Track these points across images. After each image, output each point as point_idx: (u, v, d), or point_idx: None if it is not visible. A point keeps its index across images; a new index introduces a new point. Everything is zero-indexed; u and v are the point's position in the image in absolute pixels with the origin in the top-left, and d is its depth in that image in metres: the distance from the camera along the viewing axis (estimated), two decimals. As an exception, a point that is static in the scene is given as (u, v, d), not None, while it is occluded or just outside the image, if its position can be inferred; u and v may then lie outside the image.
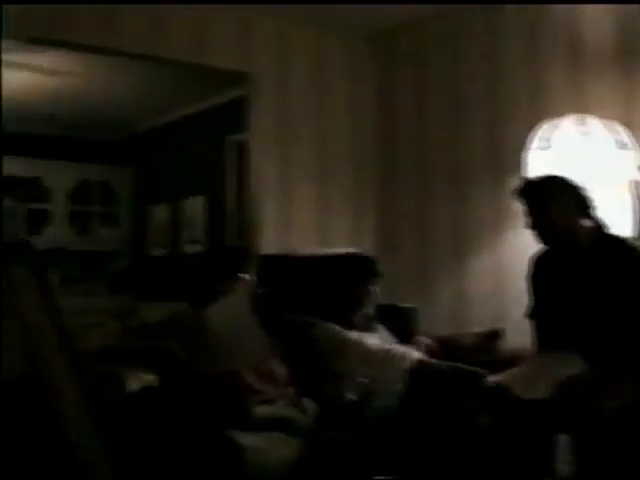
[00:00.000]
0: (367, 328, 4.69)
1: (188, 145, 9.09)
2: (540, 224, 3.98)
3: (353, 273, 4.72)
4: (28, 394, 1.65)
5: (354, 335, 4.47)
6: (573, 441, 3.68)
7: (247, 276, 4.31)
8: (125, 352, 2.85)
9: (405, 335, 5.01)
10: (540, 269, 4.17)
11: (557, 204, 3.93)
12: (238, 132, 7.32)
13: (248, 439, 3.26)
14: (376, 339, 4.59)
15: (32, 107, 8.52)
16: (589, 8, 5.28)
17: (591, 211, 3.99)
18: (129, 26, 5.71)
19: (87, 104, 8.70)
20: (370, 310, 4.72)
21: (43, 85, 7.80)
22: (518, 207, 4.17)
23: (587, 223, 3.99)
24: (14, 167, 8.43)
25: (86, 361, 1.27)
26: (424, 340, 4.68)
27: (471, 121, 6.01)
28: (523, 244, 5.21)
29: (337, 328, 4.49)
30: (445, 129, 6.21)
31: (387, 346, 4.48)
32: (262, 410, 3.70)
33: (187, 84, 7.94)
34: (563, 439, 3.75)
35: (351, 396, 4.18)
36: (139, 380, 2.58)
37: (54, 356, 1.25)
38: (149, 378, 2.71)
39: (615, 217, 4.32)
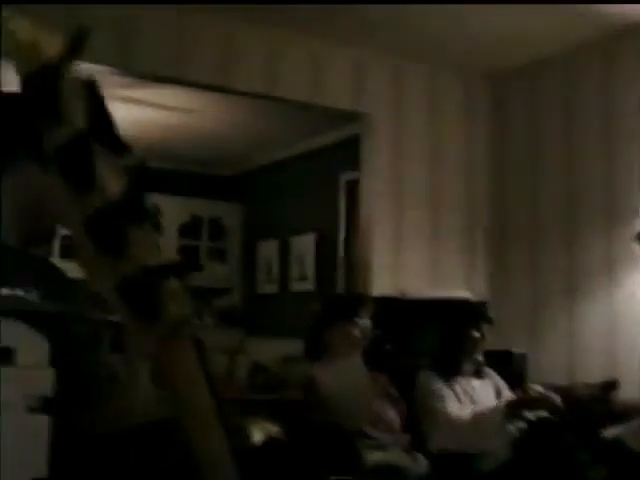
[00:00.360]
0: (476, 373, 4.64)
1: (300, 182, 9.13)
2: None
3: (464, 318, 4.67)
4: (164, 440, 1.68)
5: (447, 401, 4.37)
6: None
7: (364, 321, 4.29)
8: (250, 402, 2.89)
9: (515, 381, 4.96)
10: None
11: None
12: (352, 170, 7.32)
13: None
14: (488, 387, 4.54)
15: (150, 142, 8.68)
16: None
17: None
18: (246, 65, 5.81)
19: (203, 140, 8.84)
20: (479, 355, 4.66)
21: (162, 121, 7.96)
22: (634, 251, 4.11)
23: None
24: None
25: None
26: (538, 388, 4.59)
27: (585, 163, 5.93)
28: (638, 290, 5.13)
29: (430, 384, 4.41)
30: (559, 171, 6.13)
31: (471, 409, 4.39)
32: (374, 457, 3.68)
33: (302, 122, 8.00)
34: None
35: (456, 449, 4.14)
36: (264, 430, 2.60)
37: (205, 399, 1.27)
38: (273, 429, 2.72)
39: None
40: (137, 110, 7.47)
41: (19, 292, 1.78)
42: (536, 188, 6.31)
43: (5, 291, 1.74)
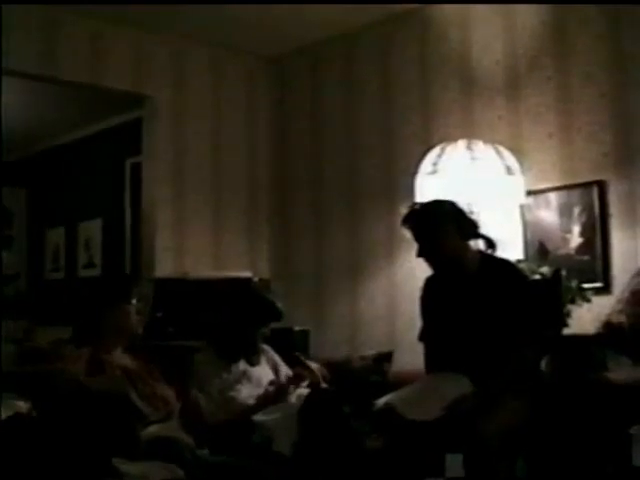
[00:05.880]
0: (255, 353, 4.61)
1: (85, 167, 8.98)
2: (427, 251, 4.01)
3: (240, 297, 4.67)
4: None
5: (214, 386, 4.38)
6: (464, 459, 3.71)
7: (138, 303, 4.22)
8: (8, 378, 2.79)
9: (297, 357, 5.02)
10: (430, 292, 4.21)
11: (442, 231, 3.95)
12: (137, 154, 7.23)
13: (129, 466, 3.22)
14: (265, 366, 4.57)
15: None
16: (480, 35, 5.39)
17: (478, 235, 4.05)
18: (21, 46, 5.63)
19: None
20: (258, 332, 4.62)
21: None
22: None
23: (474, 247, 4.05)
24: None
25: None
26: (313, 365, 4.64)
27: (366, 146, 6.07)
28: (416, 267, 5.27)
29: (204, 367, 4.40)
30: (340, 153, 6.25)
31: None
32: (147, 433, 3.66)
33: (86, 105, 7.84)
34: (454, 458, 3.80)
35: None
36: (11, 408, 2.52)
37: None
38: (21, 406, 2.65)
39: (505, 240, 4.39)
40: None
41: None
42: (319, 169, 6.41)
43: None
